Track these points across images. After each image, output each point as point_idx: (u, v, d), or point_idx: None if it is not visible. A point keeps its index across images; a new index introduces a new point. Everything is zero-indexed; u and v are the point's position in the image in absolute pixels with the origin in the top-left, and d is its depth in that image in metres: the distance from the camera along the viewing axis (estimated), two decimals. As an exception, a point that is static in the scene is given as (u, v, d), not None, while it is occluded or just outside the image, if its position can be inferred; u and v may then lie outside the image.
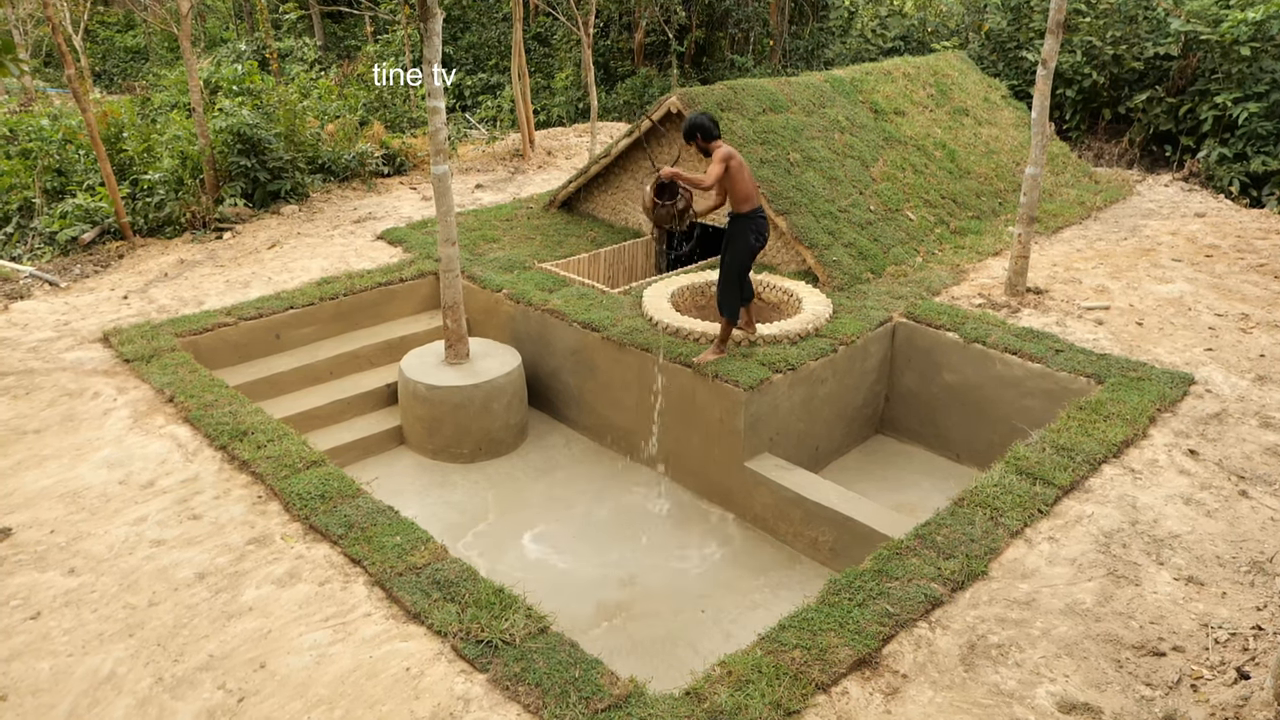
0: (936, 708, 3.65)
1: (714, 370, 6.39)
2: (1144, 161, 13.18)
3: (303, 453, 5.49)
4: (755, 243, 6.19)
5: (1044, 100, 7.22)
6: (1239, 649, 3.95)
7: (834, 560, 5.94)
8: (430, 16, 6.42)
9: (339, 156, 11.94)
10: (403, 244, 9.45)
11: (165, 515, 4.99)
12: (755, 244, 6.19)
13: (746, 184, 6.02)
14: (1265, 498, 5.03)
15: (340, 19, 25.57)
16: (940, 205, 9.30)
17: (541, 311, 7.77)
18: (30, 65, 20.04)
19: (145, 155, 10.75)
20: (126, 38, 28.11)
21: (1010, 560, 4.53)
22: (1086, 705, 3.65)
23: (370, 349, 8.12)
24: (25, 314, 7.85)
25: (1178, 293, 7.80)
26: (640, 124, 8.98)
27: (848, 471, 7.16)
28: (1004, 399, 6.78)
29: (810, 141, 8.88)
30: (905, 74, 10.81)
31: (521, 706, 3.67)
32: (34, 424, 5.95)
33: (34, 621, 4.22)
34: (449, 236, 7.01)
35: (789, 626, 4.08)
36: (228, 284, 8.49)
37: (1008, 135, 11.04)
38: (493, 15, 21.58)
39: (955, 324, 7.08)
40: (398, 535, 4.72)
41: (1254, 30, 11.73)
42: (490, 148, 14.07)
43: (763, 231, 6.21)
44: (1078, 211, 10.02)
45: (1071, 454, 5.34)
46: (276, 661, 3.95)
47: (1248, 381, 6.28)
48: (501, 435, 7.46)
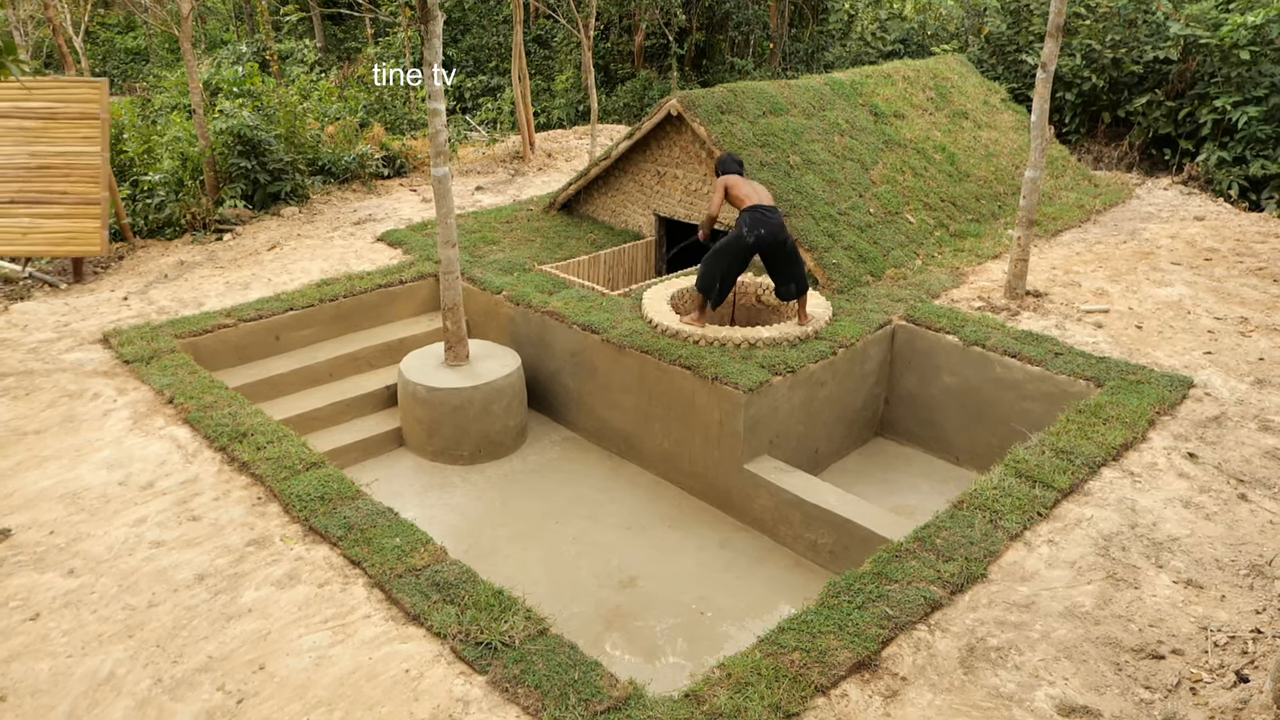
0: (936, 710, 3.65)
1: (714, 372, 6.40)
2: (1143, 165, 13.20)
3: (302, 454, 5.49)
4: (748, 234, 6.53)
5: (1043, 103, 7.23)
6: (1238, 652, 3.95)
7: (833, 563, 5.95)
8: (431, 19, 6.43)
9: (339, 158, 11.95)
10: (403, 246, 9.46)
11: (165, 516, 5.00)
12: (747, 235, 6.54)
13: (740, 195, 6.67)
14: (1264, 501, 5.04)
15: (341, 21, 25.59)
16: (940, 208, 9.31)
17: (541, 313, 7.78)
18: (31, 66, 20.03)
19: (145, 156, 10.77)
20: (127, 39, 28.14)
21: (1009, 563, 4.53)
22: (1086, 708, 3.65)
23: (370, 351, 8.12)
24: (25, 315, 7.85)
25: (1177, 296, 7.81)
26: (640, 126, 9.00)
27: (847, 474, 7.17)
28: (1003, 402, 6.78)
29: (810, 144, 8.89)
30: (905, 77, 10.83)
31: (521, 708, 3.67)
32: (34, 425, 5.95)
33: (33, 622, 4.21)
34: (449, 238, 7.02)
35: (788, 629, 4.08)
36: (228, 285, 8.49)
37: (1007, 138, 11.05)
38: (493, 17, 21.61)
39: (955, 327, 7.09)
40: (397, 537, 4.72)
41: (1253, 34, 11.75)
42: (490, 150, 14.08)
43: (760, 226, 6.52)
44: (1077, 215, 10.03)
45: (1071, 457, 5.34)
46: (276, 663, 3.95)
47: (1247, 385, 6.28)
48: (501, 437, 7.46)
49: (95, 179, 8.15)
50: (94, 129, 8.23)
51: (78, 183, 8.11)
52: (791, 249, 6.73)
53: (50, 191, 8.12)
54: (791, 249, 6.73)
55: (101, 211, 8.16)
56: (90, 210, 8.08)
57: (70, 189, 8.10)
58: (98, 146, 8.23)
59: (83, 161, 8.20)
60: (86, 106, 8.20)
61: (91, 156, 8.20)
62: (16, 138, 8.29)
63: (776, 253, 6.65)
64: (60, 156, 8.18)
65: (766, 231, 6.50)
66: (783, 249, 6.64)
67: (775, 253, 6.65)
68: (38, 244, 8.26)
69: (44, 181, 8.20)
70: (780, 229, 6.58)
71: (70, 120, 8.17)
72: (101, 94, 8.30)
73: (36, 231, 8.19)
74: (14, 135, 8.29)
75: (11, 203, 8.17)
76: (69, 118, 8.17)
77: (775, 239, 6.55)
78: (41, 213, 8.17)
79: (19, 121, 8.22)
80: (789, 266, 6.76)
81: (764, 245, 6.57)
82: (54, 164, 8.18)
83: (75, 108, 8.20)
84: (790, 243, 6.70)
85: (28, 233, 8.18)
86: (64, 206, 8.11)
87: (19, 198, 8.14)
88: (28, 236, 8.18)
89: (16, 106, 8.24)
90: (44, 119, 8.23)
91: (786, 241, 6.64)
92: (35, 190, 8.17)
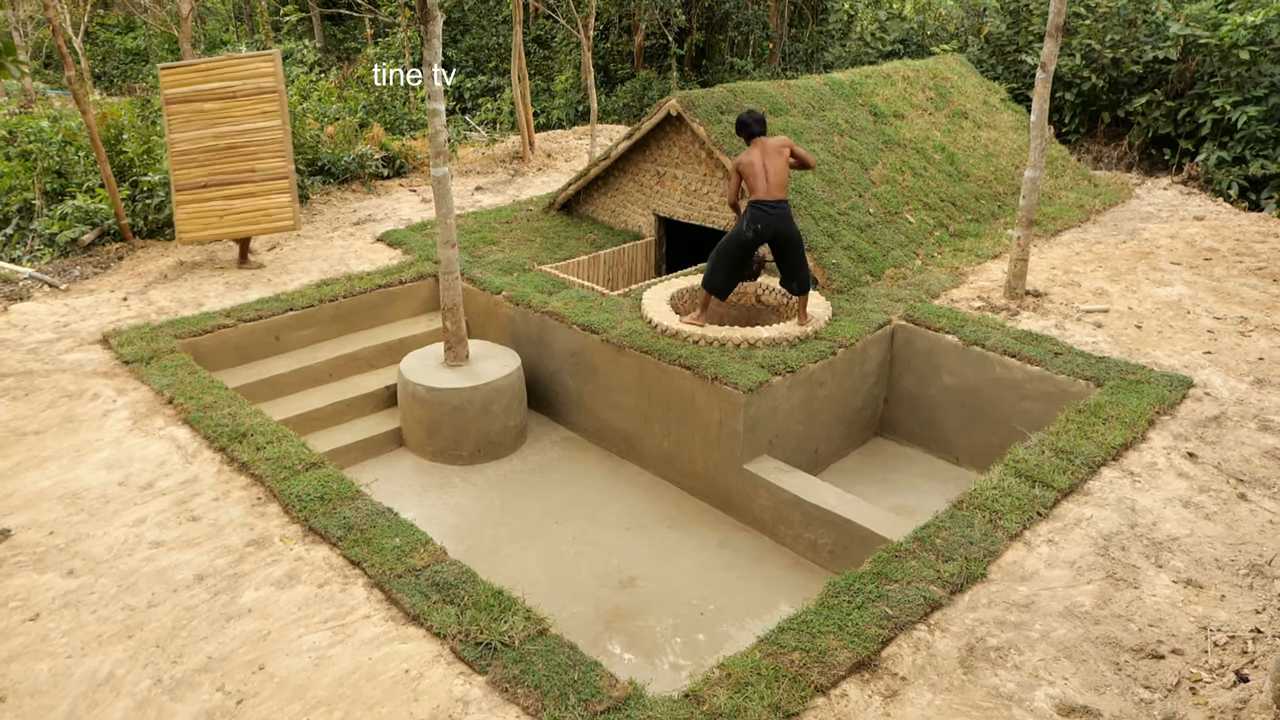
0: (935, 710, 3.65)
1: (714, 372, 6.40)
2: (1143, 165, 13.20)
3: (302, 454, 5.49)
4: (746, 229, 6.55)
5: (1043, 103, 7.23)
6: (1238, 652, 3.95)
7: (833, 562, 5.95)
8: (430, 19, 6.43)
9: (339, 158, 11.95)
10: (402, 246, 9.46)
11: (164, 517, 4.99)
12: (746, 230, 6.55)
13: (755, 178, 6.52)
14: (1264, 501, 5.04)
15: (340, 21, 25.59)
16: (939, 208, 9.31)
17: (541, 314, 7.78)
18: (30, 67, 20.06)
19: (145, 157, 10.75)
20: (127, 39, 28.13)
21: (1009, 563, 4.54)
22: (1085, 708, 3.65)
23: (370, 351, 8.12)
24: (25, 315, 7.85)
25: (1176, 296, 7.81)
26: (639, 126, 9.00)
27: (847, 474, 7.17)
28: (1003, 401, 6.78)
29: (810, 144, 8.89)
30: (904, 77, 10.83)
31: (520, 709, 3.66)
32: (33, 425, 5.95)
33: (33, 623, 4.21)
34: (448, 239, 7.02)
35: (788, 629, 4.08)
36: (227, 286, 8.49)
37: (1007, 138, 11.05)
38: (493, 18, 21.60)
39: (954, 327, 7.09)
40: (397, 537, 4.72)
41: (1253, 34, 11.75)
42: (490, 150, 14.09)
43: (758, 222, 6.51)
44: (1077, 214, 10.03)
45: (1070, 457, 5.34)
46: (275, 663, 3.95)
47: (1247, 384, 6.28)
48: (501, 437, 7.46)
49: (281, 153, 8.00)
50: (273, 103, 8.07)
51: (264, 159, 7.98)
52: (796, 242, 6.69)
53: (239, 171, 8.00)
54: (796, 242, 6.69)
55: (290, 185, 8.02)
56: (279, 185, 7.96)
57: (258, 166, 7.98)
58: (278, 120, 8.08)
59: (265, 137, 8.07)
60: (262, 81, 8.02)
61: (274, 131, 8.05)
62: (199, 121, 8.15)
63: (779, 244, 6.68)
64: (244, 134, 8.05)
65: (764, 226, 6.53)
66: (787, 241, 6.65)
67: (778, 244, 6.68)
68: (234, 225, 8.18)
69: (231, 162, 8.09)
70: (781, 220, 6.55)
71: (248, 97, 8.02)
72: (276, 66, 8.09)
73: (231, 213, 8.11)
74: (197, 119, 8.15)
75: (204, 187, 8.09)
76: (246, 94, 8.02)
77: (776, 230, 6.57)
78: (233, 193, 8.08)
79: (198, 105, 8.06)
80: (791, 259, 6.75)
81: (765, 238, 6.62)
82: (239, 143, 8.05)
83: (251, 84, 8.03)
84: (796, 235, 6.67)
85: (224, 215, 8.11)
86: (253, 184, 8.01)
87: (210, 181, 8.05)
88: (224, 220, 8.12)
89: (196, 90, 8.07)
90: (223, 99, 8.07)
91: (791, 234, 6.63)
92: (226, 171, 8.07)
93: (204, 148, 8.16)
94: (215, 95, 8.04)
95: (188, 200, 8.23)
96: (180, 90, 8.08)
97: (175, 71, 8.19)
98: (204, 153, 8.13)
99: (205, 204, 8.17)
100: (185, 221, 8.32)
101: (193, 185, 8.18)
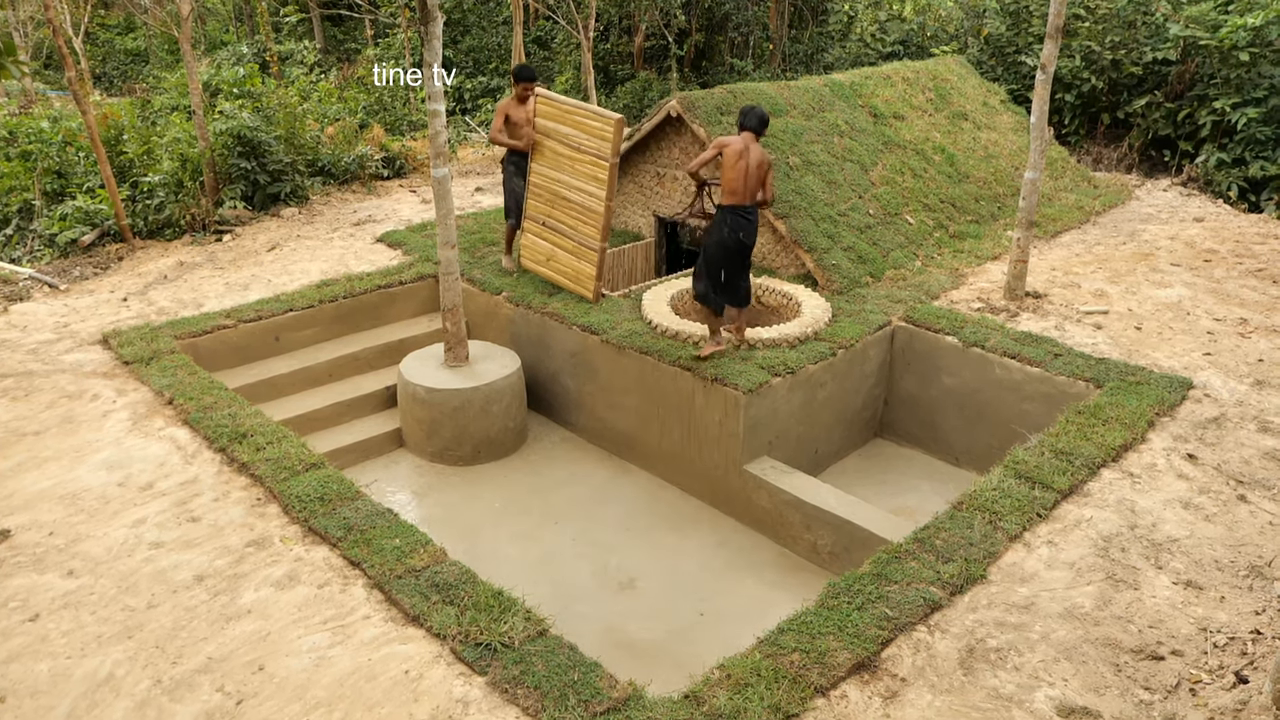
0: (935, 711, 3.65)
1: (714, 373, 6.40)
2: (1143, 166, 13.20)
3: (302, 455, 5.49)
4: (728, 236, 6.17)
5: (1043, 105, 7.23)
6: (1237, 653, 3.95)
7: (833, 563, 5.95)
8: (431, 20, 6.43)
9: (339, 159, 11.96)
10: (402, 247, 9.46)
11: (164, 517, 4.99)
12: (727, 237, 6.18)
13: (733, 178, 6.08)
14: (1263, 502, 5.04)
15: (340, 22, 25.58)
16: (939, 209, 9.31)
17: (541, 314, 7.78)
18: (31, 67, 20.06)
19: (145, 158, 10.77)
20: (127, 40, 28.14)
21: (1009, 564, 4.54)
22: (1085, 709, 3.65)
23: (370, 351, 8.12)
24: (25, 316, 7.85)
25: (1176, 297, 7.81)
26: (640, 127, 9.00)
27: (847, 475, 7.17)
28: (1003, 403, 6.78)
29: (809, 145, 8.89)
30: (904, 78, 10.83)
31: (520, 709, 3.67)
32: (33, 426, 5.95)
33: (33, 623, 4.21)
34: (449, 239, 7.02)
35: (788, 630, 4.09)
36: (227, 286, 8.49)
37: (1006, 140, 11.06)
38: (493, 19, 21.61)
39: (954, 328, 7.09)
40: (397, 538, 4.72)
41: (1253, 36, 11.75)
42: (490, 151, 14.08)
43: (738, 228, 6.16)
44: (1076, 216, 10.04)
45: (1070, 458, 5.34)
46: (275, 664, 3.95)
47: (1246, 386, 6.29)
48: (501, 438, 7.46)
49: (598, 226, 7.41)
50: (603, 171, 7.32)
51: (585, 226, 7.52)
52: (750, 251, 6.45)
53: (566, 225, 7.69)
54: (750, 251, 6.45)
55: (599, 261, 7.51)
56: (590, 256, 7.52)
57: (579, 229, 7.58)
58: (604, 192, 7.35)
59: (591, 206, 7.48)
60: (601, 145, 7.30)
61: (598, 204, 7.40)
62: (552, 160, 7.80)
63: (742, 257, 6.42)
64: (577, 193, 7.59)
65: (745, 234, 6.23)
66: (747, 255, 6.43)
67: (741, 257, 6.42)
68: (554, 271, 7.98)
69: (563, 212, 7.77)
70: (755, 228, 6.33)
71: (587, 156, 7.44)
72: (615, 135, 7.17)
73: (554, 260, 7.91)
74: (551, 158, 7.80)
75: (545, 225, 7.91)
76: (588, 153, 7.42)
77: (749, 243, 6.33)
78: (560, 244, 7.83)
79: (554, 145, 7.70)
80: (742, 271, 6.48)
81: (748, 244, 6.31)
82: (572, 200, 7.64)
83: (593, 144, 7.38)
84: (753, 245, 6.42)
85: (549, 259, 7.95)
86: (573, 243, 7.69)
87: (549, 222, 7.85)
88: (549, 263, 7.96)
89: (556, 128, 7.68)
90: (572, 149, 7.57)
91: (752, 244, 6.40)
92: (558, 219, 7.80)
93: (549, 189, 7.89)
94: (565, 142, 7.62)
95: (532, 230, 8.14)
96: (546, 124, 7.79)
97: (547, 103, 7.82)
98: (548, 193, 7.89)
99: (540, 240, 8.03)
100: (526, 249, 8.28)
101: (536, 218, 8.04)
